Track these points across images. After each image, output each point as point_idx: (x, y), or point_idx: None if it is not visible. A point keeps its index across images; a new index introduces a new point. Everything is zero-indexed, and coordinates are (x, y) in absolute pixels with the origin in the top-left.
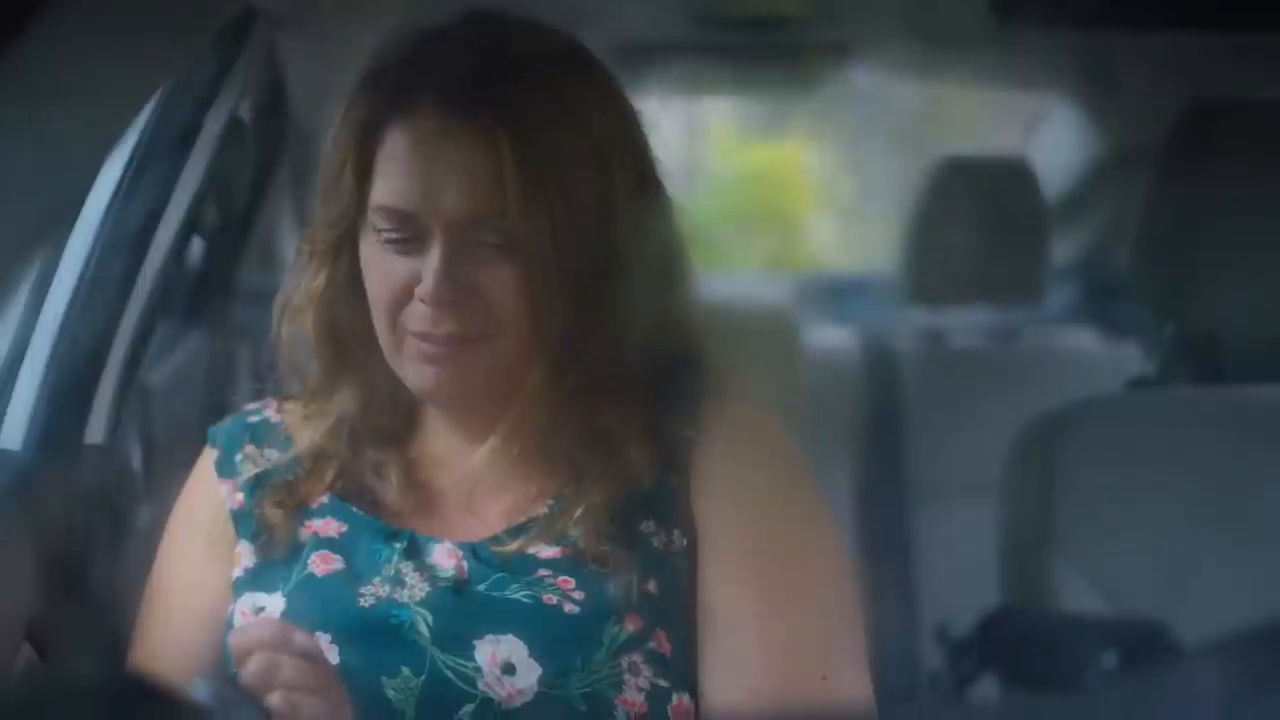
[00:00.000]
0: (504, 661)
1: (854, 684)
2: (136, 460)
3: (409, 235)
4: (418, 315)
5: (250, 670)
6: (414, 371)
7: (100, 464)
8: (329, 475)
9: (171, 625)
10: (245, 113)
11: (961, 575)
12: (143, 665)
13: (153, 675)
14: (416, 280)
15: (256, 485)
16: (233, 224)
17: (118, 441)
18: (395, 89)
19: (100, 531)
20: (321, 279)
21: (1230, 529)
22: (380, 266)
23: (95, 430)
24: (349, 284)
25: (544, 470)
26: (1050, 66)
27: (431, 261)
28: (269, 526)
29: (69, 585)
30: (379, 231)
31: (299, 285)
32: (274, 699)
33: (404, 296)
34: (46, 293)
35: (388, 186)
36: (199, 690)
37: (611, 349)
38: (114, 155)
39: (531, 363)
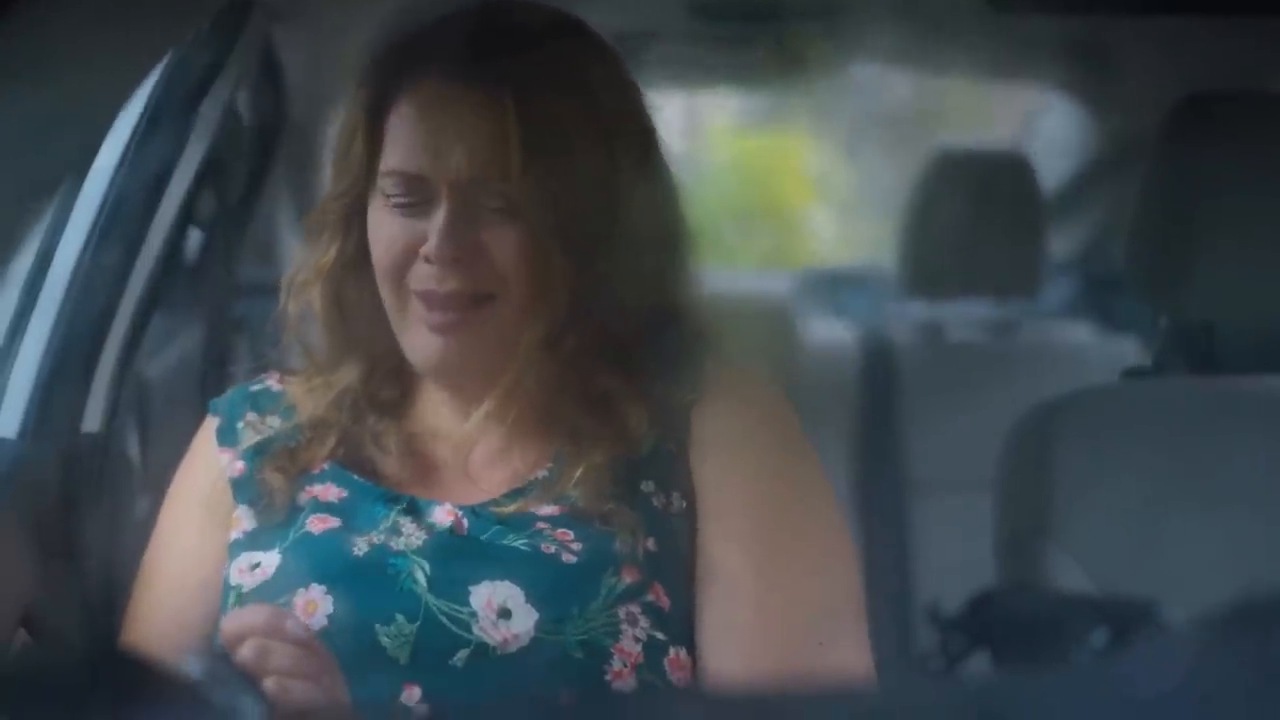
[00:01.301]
0: (500, 606)
1: (851, 651)
2: (133, 449)
3: (416, 199)
4: (423, 274)
5: (243, 655)
6: (419, 342)
7: (96, 452)
8: (330, 442)
9: (168, 595)
10: (241, 103)
11: (957, 567)
12: (137, 635)
13: (145, 651)
14: (422, 241)
15: (258, 452)
16: (230, 215)
17: (114, 430)
18: (404, 63)
19: (96, 520)
20: (331, 253)
21: (1224, 517)
22: (387, 229)
23: (91, 418)
24: (356, 257)
25: (542, 435)
26: (1047, 55)
27: (437, 221)
28: (269, 490)
29: (64, 573)
30: (388, 197)
31: (307, 260)
32: (267, 683)
33: (409, 257)
34: (43, 279)
35: (397, 151)
36: (191, 667)
37: (611, 315)
38: (108, 145)
39: (529, 327)
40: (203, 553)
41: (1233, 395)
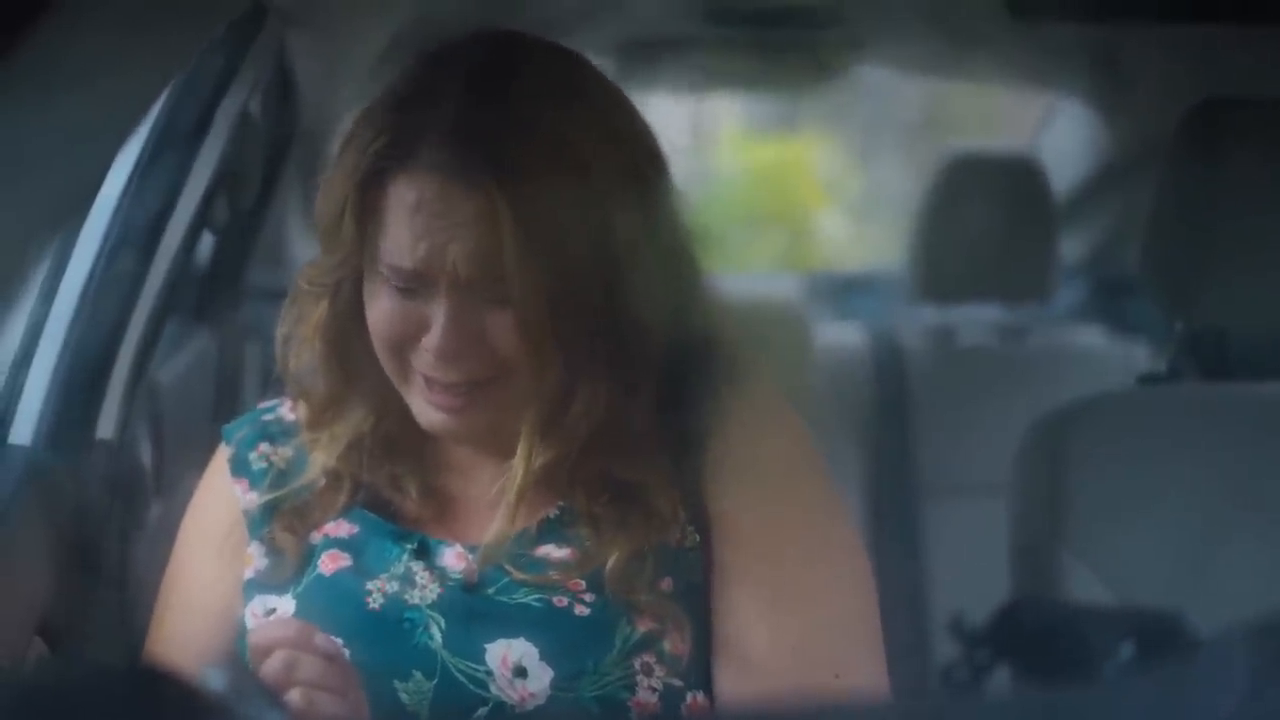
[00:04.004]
0: (515, 665)
1: (868, 682)
2: (146, 456)
3: (415, 285)
4: (425, 360)
5: (270, 667)
6: (425, 414)
7: (110, 459)
8: (343, 497)
9: (185, 623)
10: (255, 108)
11: (970, 572)
12: (158, 660)
13: (170, 665)
14: (423, 326)
15: (271, 508)
16: (242, 220)
17: (128, 437)
18: (394, 140)
19: (110, 526)
20: (323, 309)
21: (1240, 524)
22: (385, 308)
23: (106, 426)
24: (352, 312)
25: (556, 486)
26: (1062, 62)
27: (438, 315)
28: (280, 548)
29: (80, 580)
30: (384, 277)
31: (301, 317)
32: (293, 696)
33: (411, 340)
34: (58, 287)
35: (393, 244)
36: (214, 679)
37: (622, 396)
38: (126, 149)
39: (530, 407)
40: (220, 585)
41: (1250, 401)
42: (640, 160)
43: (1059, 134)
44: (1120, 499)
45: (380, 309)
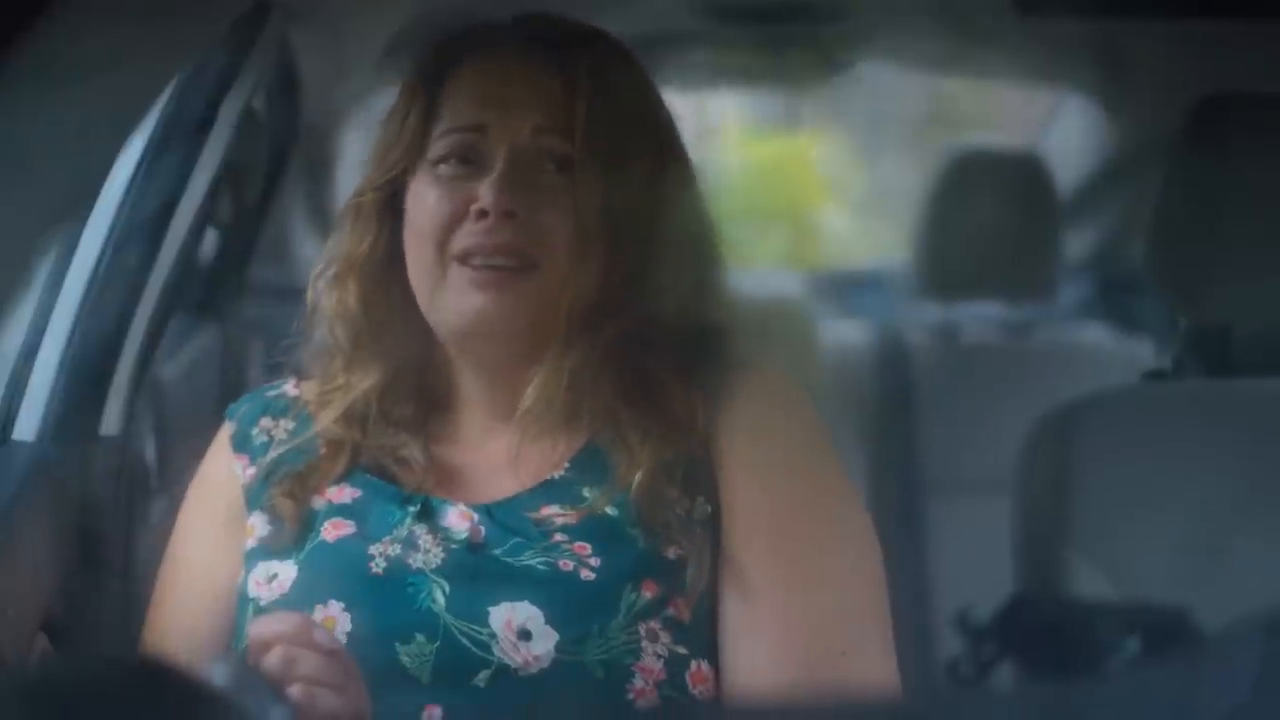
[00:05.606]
0: (520, 628)
1: (875, 660)
2: (150, 452)
3: (471, 161)
4: (470, 230)
5: (270, 662)
6: (457, 302)
7: (114, 455)
8: (341, 464)
9: (184, 601)
10: (259, 104)
11: (974, 570)
12: (156, 640)
13: (171, 658)
14: (473, 200)
15: (270, 473)
16: (246, 216)
17: (132, 433)
18: (467, 38)
19: (114, 522)
20: (365, 245)
21: (1244, 520)
22: (435, 195)
23: (110, 421)
24: (390, 250)
25: (569, 428)
26: (1067, 57)
27: (492, 176)
28: (280, 514)
29: (84, 576)
30: (439, 163)
31: (338, 252)
32: (294, 691)
33: (457, 220)
34: (62, 283)
35: (457, 107)
36: (217, 673)
37: (646, 311)
38: (130, 144)
39: (568, 297)
40: (217, 563)
41: (1254, 397)
42: (672, 147)
43: (1064, 130)
44: (1125, 495)
45: (428, 198)
